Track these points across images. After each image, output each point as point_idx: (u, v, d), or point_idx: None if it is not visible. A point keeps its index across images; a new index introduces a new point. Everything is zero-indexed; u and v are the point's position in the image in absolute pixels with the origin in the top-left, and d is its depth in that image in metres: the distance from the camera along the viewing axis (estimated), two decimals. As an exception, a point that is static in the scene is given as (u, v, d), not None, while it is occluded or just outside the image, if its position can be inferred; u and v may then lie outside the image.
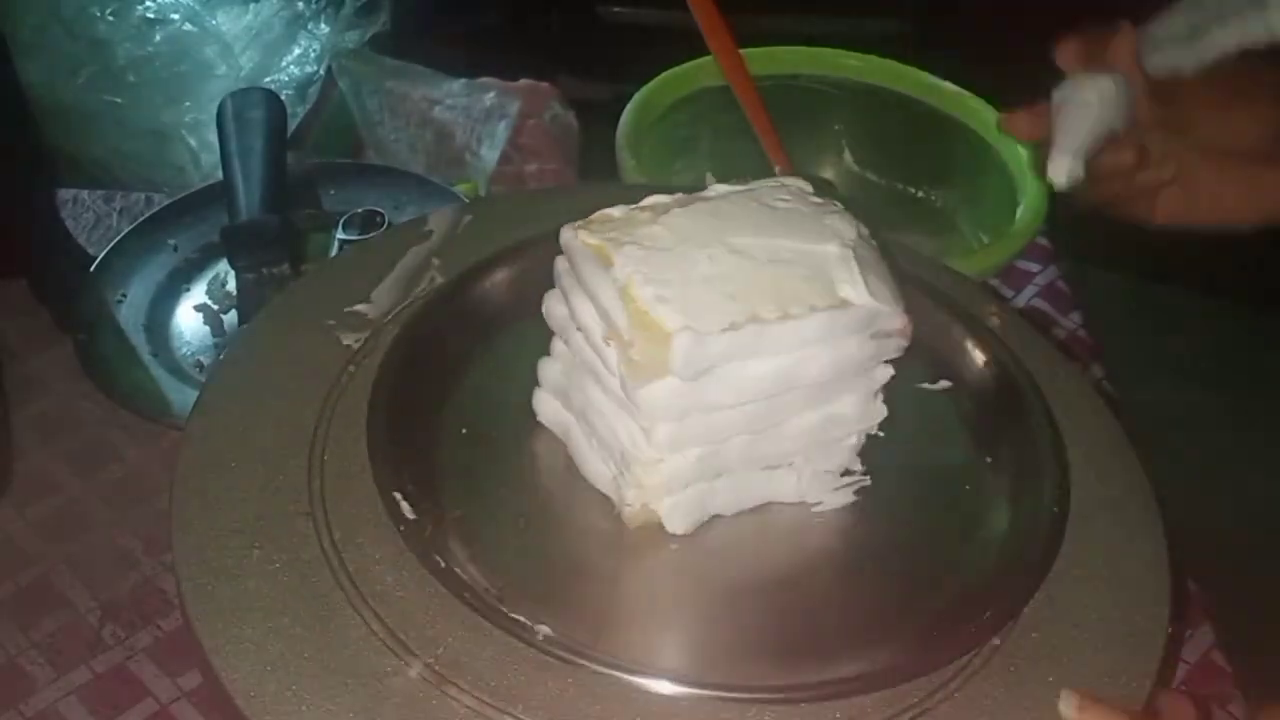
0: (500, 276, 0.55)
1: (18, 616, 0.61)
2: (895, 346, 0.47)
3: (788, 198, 0.48)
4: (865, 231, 0.47)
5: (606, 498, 0.48)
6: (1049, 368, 0.56)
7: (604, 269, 0.44)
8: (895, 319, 0.46)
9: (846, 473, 0.50)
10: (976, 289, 0.62)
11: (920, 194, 0.89)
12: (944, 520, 0.50)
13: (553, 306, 0.48)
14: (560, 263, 0.47)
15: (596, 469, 0.48)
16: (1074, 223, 0.68)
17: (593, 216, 0.47)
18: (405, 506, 0.44)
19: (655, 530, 0.47)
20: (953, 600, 0.46)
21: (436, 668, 0.41)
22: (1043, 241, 0.89)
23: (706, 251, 0.44)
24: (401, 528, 0.44)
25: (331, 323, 0.54)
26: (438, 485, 0.47)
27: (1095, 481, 0.51)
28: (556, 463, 0.50)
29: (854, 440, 0.49)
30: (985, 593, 0.45)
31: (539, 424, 0.51)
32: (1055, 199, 0.80)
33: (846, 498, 0.49)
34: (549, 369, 0.50)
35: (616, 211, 0.47)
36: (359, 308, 0.55)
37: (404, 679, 0.41)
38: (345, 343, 0.53)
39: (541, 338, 0.50)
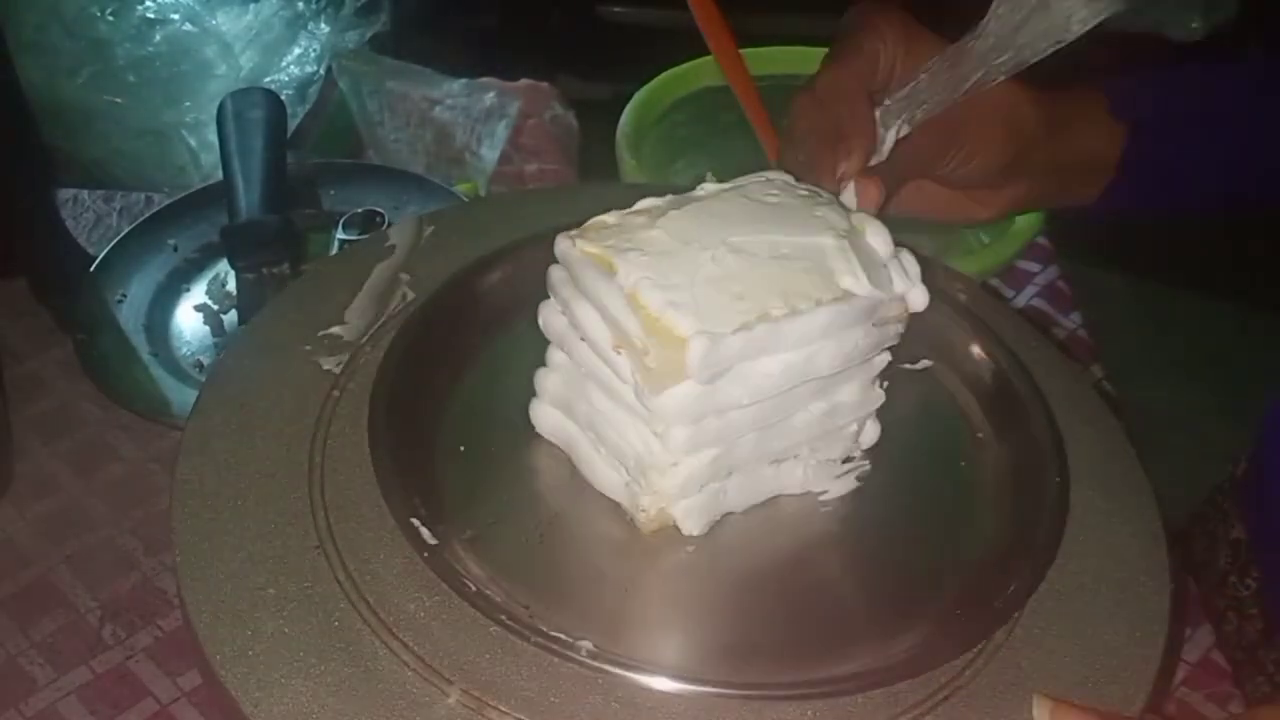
0: (479, 288, 0.54)
1: (18, 616, 0.61)
2: (894, 333, 0.48)
3: (776, 191, 0.48)
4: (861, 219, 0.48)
5: (616, 505, 0.48)
6: (1048, 367, 0.56)
7: (607, 277, 0.44)
8: (894, 306, 0.46)
9: (848, 459, 0.50)
10: (977, 289, 0.62)
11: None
12: (946, 499, 0.51)
13: (550, 318, 0.48)
14: (556, 273, 0.46)
15: (606, 477, 0.48)
16: (1074, 223, 0.68)
17: (587, 224, 0.46)
18: (425, 532, 0.44)
19: (670, 534, 0.47)
20: (960, 592, 0.46)
21: (433, 663, 0.41)
22: (1043, 241, 0.89)
23: (709, 252, 0.44)
24: (425, 554, 0.43)
25: (308, 348, 0.53)
26: (445, 507, 0.47)
27: (1094, 481, 0.51)
28: (560, 473, 0.49)
29: (855, 427, 0.50)
30: (989, 586, 0.46)
31: (536, 435, 0.50)
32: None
33: (850, 484, 0.50)
34: (548, 380, 0.49)
35: (611, 218, 0.46)
36: (334, 330, 0.54)
37: (400, 668, 0.41)
38: (348, 340, 0.53)
39: (527, 346, 0.49)
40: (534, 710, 0.40)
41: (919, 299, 0.47)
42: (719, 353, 0.42)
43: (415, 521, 0.44)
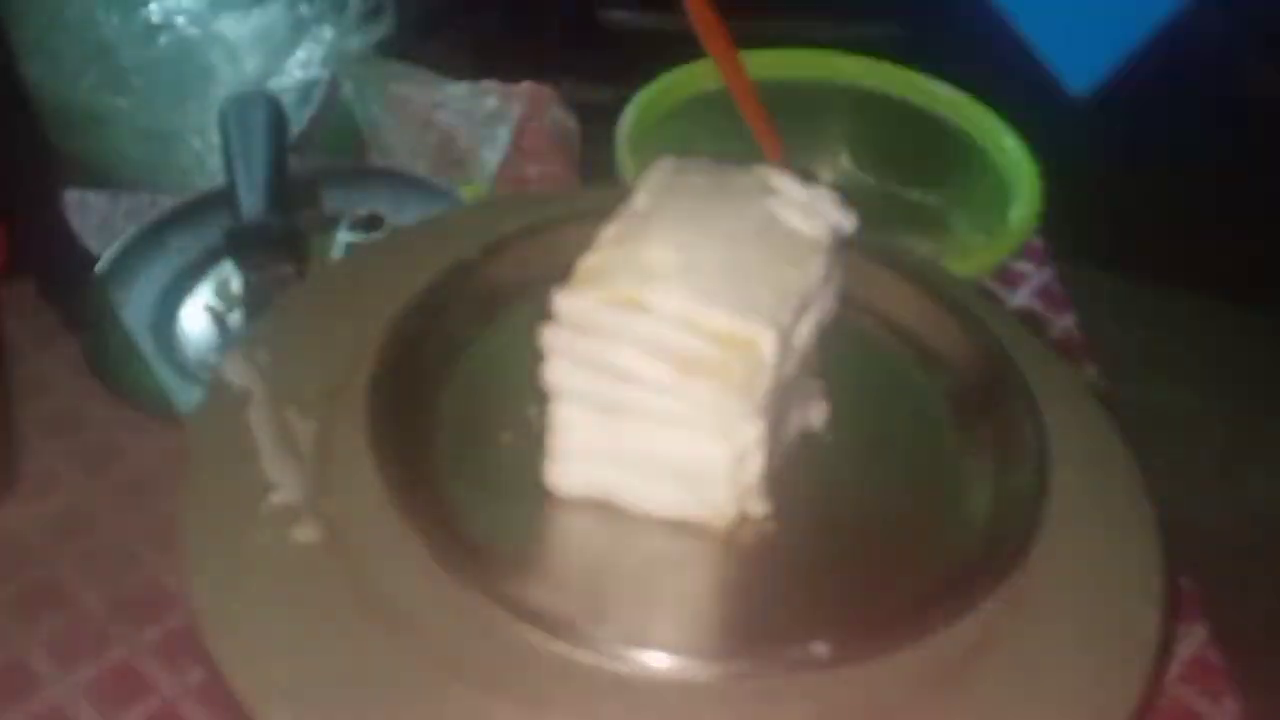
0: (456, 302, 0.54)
1: (23, 614, 0.61)
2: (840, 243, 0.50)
3: (699, 177, 0.51)
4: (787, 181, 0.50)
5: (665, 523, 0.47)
6: (1043, 368, 0.56)
7: (638, 312, 0.43)
8: (846, 222, 0.50)
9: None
10: (971, 290, 0.63)
11: (915, 196, 0.89)
12: (922, 484, 0.51)
13: (561, 378, 0.46)
14: (557, 335, 0.45)
15: (668, 502, 0.47)
16: (1069, 223, 0.69)
17: (577, 275, 0.45)
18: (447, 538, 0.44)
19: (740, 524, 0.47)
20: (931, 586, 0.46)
21: (437, 656, 0.41)
22: (1037, 242, 0.89)
23: (716, 253, 0.45)
24: (451, 570, 0.43)
25: (342, 317, 0.54)
26: (454, 515, 0.46)
27: (1088, 481, 0.51)
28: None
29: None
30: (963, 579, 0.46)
31: (538, 441, 0.48)
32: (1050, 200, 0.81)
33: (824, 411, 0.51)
34: (572, 438, 0.47)
35: (595, 259, 0.45)
36: (368, 303, 0.54)
37: (405, 665, 0.41)
38: (350, 338, 0.53)
39: (503, 366, 0.50)
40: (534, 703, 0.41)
41: (847, 222, 0.50)
42: (786, 340, 0.44)
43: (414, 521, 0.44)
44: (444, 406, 0.51)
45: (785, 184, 0.50)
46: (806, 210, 0.49)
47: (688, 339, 0.43)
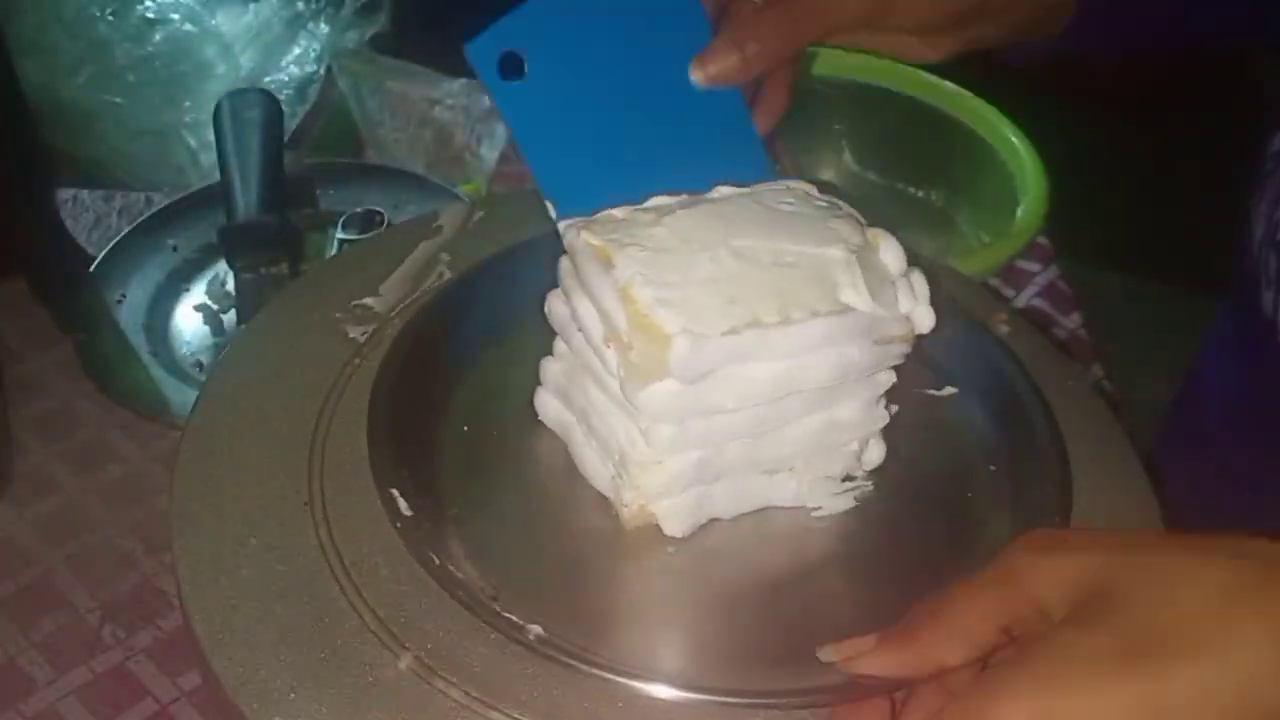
0: (505, 274, 0.55)
1: (17, 616, 0.61)
2: (898, 352, 0.47)
3: (792, 200, 0.48)
4: (887, 237, 0.47)
5: (605, 499, 0.48)
6: (1049, 368, 0.55)
7: (605, 270, 0.44)
8: (897, 325, 0.45)
9: (848, 478, 0.49)
10: (977, 289, 0.62)
11: (920, 194, 0.89)
12: (945, 528, 0.50)
13: (555, 306, 0.48)
14: (564, 262, 0.47)
15: (596, 469, 0.48)
16: (1074, 223, 0.68)
17: (596, 216, 0.46)
18: (402, 503, 0.44)
19: (653, 532, 0.47)
20: None
21: (426, 660, 0.41)
22: (1043, 241, 0.89)
23: (709, 254, 0.44)
24: (398, 524, 0.44)
25: (339, 315, 0.54)
26: (437, 483, 0.47)
27: (1095, 482, 0.50)
28: (557, 462, 0.49)
29: (856, 446, 0.49)
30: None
31: (540, 423, 0.50)
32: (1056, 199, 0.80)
33: (847, 503, 0.49)
34: (551, 368, 0.50)
35: (620, 212, 0.47)
36: (366, 301, 0.55)
37: (393, 671, 0.41)
38: (351, 335, 0.53)
39: (545, 336, 0.50)
40: (480, 686, 0.40)
41: (925, 320, 0.46)
42: (702, 353, 0.42)
43: (394, 492, 0.44)
44: (451, 409, 0.51)
45: (888, 250, 0.46)
46: (878, 282, 0.45)
47: (619, 309, 0.43)
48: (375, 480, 0.45)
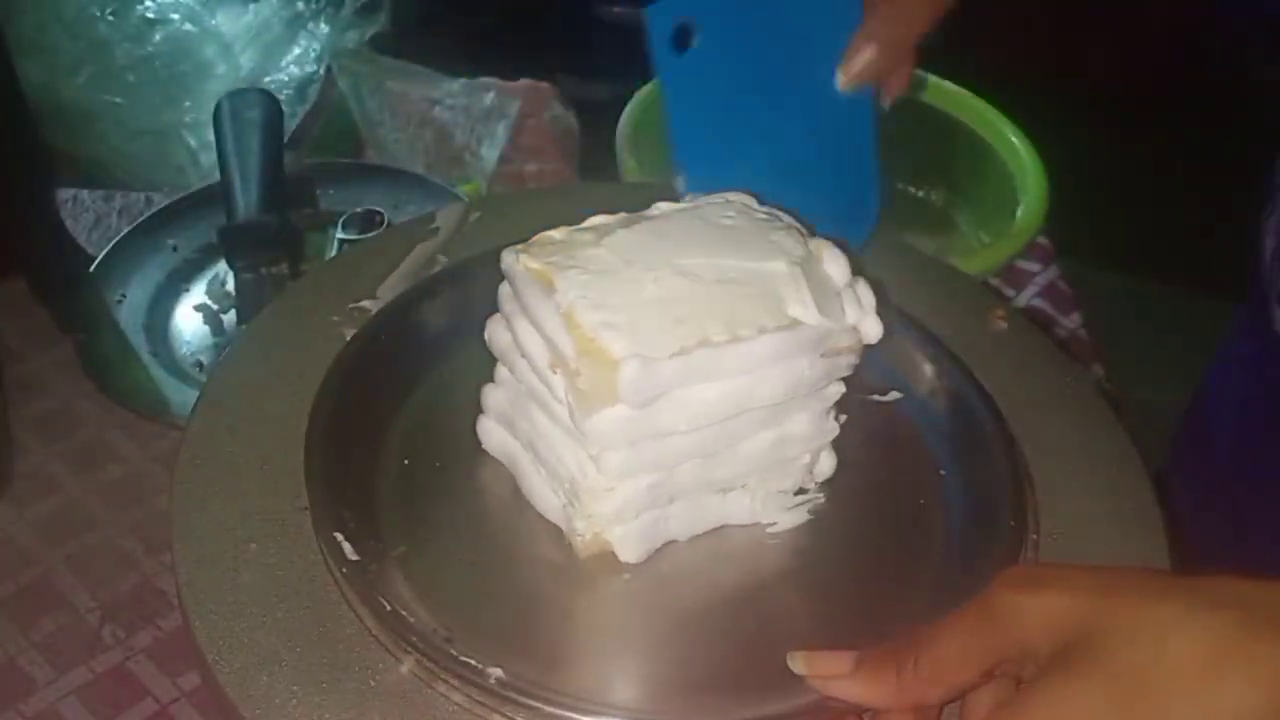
0: (441, 300, 0.54)
1: (17, 616, 0.61)
2: (846, 364, 0.46)
3: (732, 214, 0.47)
4: (823, 245, 0.47)
5: (557, 528, 0.47)
6: (1049, 368, 0.55)
7: (547, 294, 0.43)
8: (845, 336, 0.45)
9: (801, 491, 0.49)
10: (976, 288, 0.62)
11: (921, 193, 0.89)
12: (898, 535, 0.49)
13: (495, 333, 0.47)
14: (503, 288, 0.46)
15: (546, 498, 0.47)
16: (1074, 223, 0.68)
17: (534, 239, 0.45)
18: (347, 547, 0.43)
19: (608, 559, 0.46)
20: (913, 621, 0.43)
21: (427, 664, 0.41)
22: (1043, 241, 0.89)
23: (652, 274, 0.43)
24: (344, 570, 0.42)
25: (336, 319, 0.54)
26: (380, 520, 0.46)
27: (1096, 482, 0.50)
28: (504, 492, 0.48)
29: (807, 459, 0.48)
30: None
31: (484, 452, 0.49)
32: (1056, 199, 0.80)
33: (801, 516, 0.48)
34: (494, 396, 0.48)
35: (558, 234, 0.45)
36: (364, 303, 0.54)
37: (395, 675, 0.41)
38: (349, 338, 0.53)
39: (485, 362, 0.49)
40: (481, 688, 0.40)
41: (873, 330, 0.46)
42: (652, 377, 0.41)
43: (339, 536, 0.43)
44: (389, 442, 0.50)
45: (831, 261, 0.46)
46: (824, 294, 0.44)
47: (564, 334, 0.42)
48: (314, 526, 0.44)
